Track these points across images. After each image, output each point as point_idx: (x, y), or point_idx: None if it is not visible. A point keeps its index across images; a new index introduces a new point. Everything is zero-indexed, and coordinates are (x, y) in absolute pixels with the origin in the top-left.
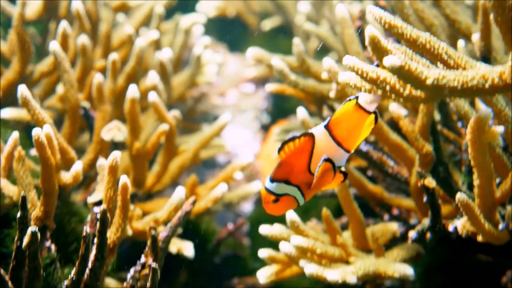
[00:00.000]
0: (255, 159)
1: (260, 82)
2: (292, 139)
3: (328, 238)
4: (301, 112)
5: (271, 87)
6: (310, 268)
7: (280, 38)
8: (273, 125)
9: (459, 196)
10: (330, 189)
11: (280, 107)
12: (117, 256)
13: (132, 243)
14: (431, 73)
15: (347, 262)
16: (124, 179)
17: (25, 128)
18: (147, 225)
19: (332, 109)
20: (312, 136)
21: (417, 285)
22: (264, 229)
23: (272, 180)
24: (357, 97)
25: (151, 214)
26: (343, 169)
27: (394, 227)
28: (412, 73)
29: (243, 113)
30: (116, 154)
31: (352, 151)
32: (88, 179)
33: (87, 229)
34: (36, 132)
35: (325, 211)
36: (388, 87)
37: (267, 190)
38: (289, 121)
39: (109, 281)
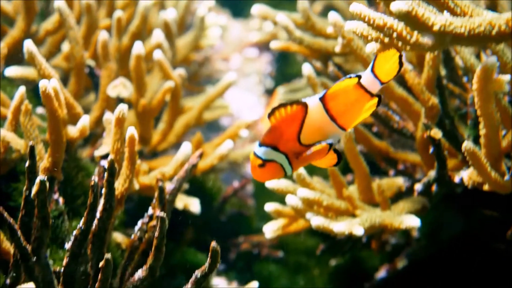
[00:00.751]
0: (259, 123)
1: (263, 46)
2: (284, 105)
3: (334, 191)
4: (307, 69)
5: (276, 44)
6: (316, 220)
7: (284, 4)
8: (270, 98)
9: (466, 144)
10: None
11: (284, 72)
12: (124, 213)
13: (138, 201)
14: (438, 19)
15: (353, 215)
16: (132, 131)
17: (31, 88)
18: (154, 180)
19: (338, 67)
20: (305, 105)
21: (422, 242)
22: (271, 184)
23: (261, 144)
24: (359, 76)
25: (157, 169)
26: (336, 147)
27: (400, 181)
28: (419, 18)
29: (246, 77)
30: (122, 107)
31: (348, 130)
32: (94, 137)
33: (95, 179)
34: (43, 83)
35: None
36: (395, 34)
37: (255, 154)
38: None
39: (116, 235)
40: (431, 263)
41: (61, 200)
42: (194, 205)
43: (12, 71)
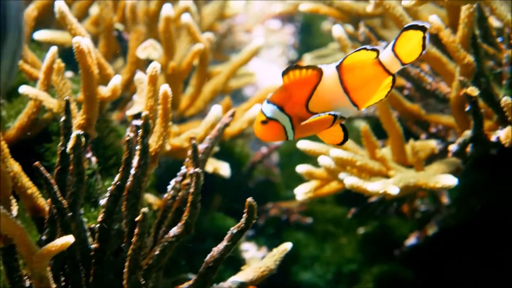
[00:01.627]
0: None
1: (286, 18)
2: (299, 67)
3: (367, 153)
4: (338, 30)
5: (305, 6)
6: (350, 180)
7: None
8: (300, 61)
9: (505, 99)
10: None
11: (307, 43)
12: (154, 176)
13: (166, 168)
14: None
15: (386, 177)
16: (165, 87)
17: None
18: (184, 142)
19: (370, 29)
20: (320, 72)
21: (452, 209)
22: (303, 144)
23: (269, 102)
24: (376, 50)
25: (188, 131)
26: (343, 122)
27: (433, 143)
28: None
29: (270, 49)
30: (155, 64)
31: (361, 109)
32: (123, 100)
33: (130, 134)
34: (77, 39)
35: (364, 126)
36: None
37: (261, 109)
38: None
39: (148, 195)
40: (462, 230)
41: (94, 159)
42: (224, 168)
43: (41, 35)
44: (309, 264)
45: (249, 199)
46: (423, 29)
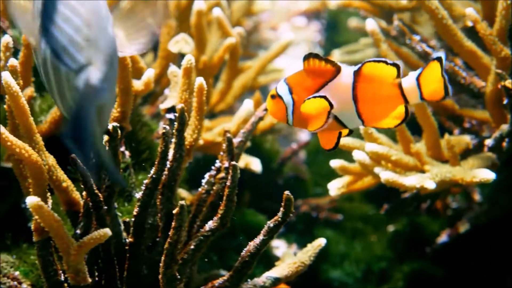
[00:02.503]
0: None
1: (312, 15)
2: (320, 57)
3: (401, 147)
4: (371, 24)
5: (337, 1)
6: (385, 174)
7: None
8: (329, 57)
9: None
10: None
11: (334, 40)
12: (186, 171)
13: (197, 162)
14: None
15: (421, 171)
16: (201, 80)
17: None
18: (216, 136)
19: (404, 24)
20: (338, 70)
21: (484, 206)
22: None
23: (285, 80)
24: (397, 66)
25: (219, 125)
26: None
27: (467, 138)
28: None
29: (296, 46)
30: (190, 57)
31: (364, 126)
32: (153, 95)
33: (166, 127)
34: None
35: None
36: None
37: (278, 84)
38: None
39: (181, 190)
40: (494, 227)
41: (127, 153)
42: (255, 164)
43: None
44: (338, 262)
45: (286, 192)
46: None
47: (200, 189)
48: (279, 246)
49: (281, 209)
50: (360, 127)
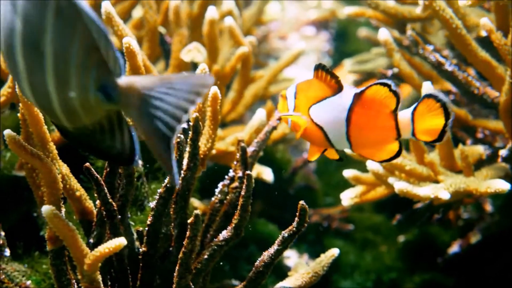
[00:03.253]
0: None
1: (320, 25)
2: (328, 71)
3: (414, 157)
4: (384, 33)
5: (350, 10)
6: (400, 185)
7: None
8: (335, 68)
9: None
10: None
11: (342, 50)
12: (198, 181)
13: (207, 172)
14: None
15: (435, 182)
16: (215, 89)
17: None
18: (229, 145)
19: (416, 32)
20: (340, 88)
21: (496, 217)
22: (350, 150)
23: (296, 84)
24: (397, 95)
25: (232, 135)
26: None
27: (480, 149)
28: None
29: (305, 55)
30: (204, 66)
31: (351, 152)
32: None
33: (181, 136)
34: (127, 39)
35: None
36: None
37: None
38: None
39: (193, 199)
40: (506, 238)
41: (140, 162)
42: (267, 173)
43: None
44: (348, 272)
45: (301, 202)
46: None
47: (213, 199)
48: (290, 256)
49: (296, 218)
50: (348, 151)
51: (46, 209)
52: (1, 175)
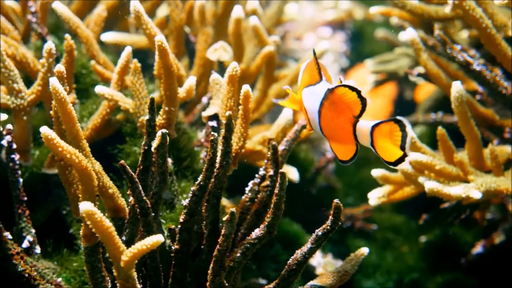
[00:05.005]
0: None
1: (337, 25)
2: (317, 63)
3: (443, 157)
4: (410, 33)
5: (376, 9)
6: (430, 184)
7: None
8: (352, 69)
9: None
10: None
11: (359, 51)
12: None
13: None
14: None
15: (464, 181)
16: (247, 87)
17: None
18: (256, 144)
19: (442, 30)
20: (320, 78)
21: None
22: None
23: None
24: (364, 105)
25: (259, 134)
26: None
27: (508, 149)
28: None
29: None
30: (235, 64)
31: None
32: (190, 103)
33: (214, 134)
34: (160, 38)
35: (440, 130)
36: None
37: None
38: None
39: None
40: None
41: (170, 160)
42: (292, 173)
43: (108, 36)
44: (370, 272)
45: (336, 201)
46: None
47: (243, 197)
48: (314, 256)
49: (330, 217)
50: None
51: (84, 206)
52: (30, 173)
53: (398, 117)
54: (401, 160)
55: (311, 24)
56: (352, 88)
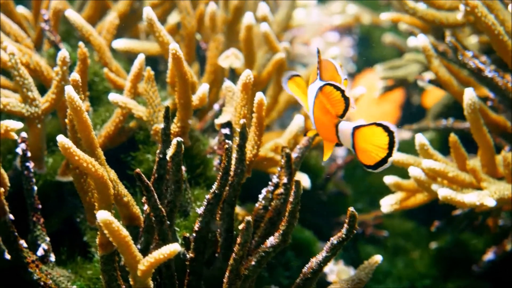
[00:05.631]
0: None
1: (344, 31)
2: (319, 61)
3: (455, 164)
4: (422, 39)
5: (387, 15)
6: (444, 191)
7: None
8: (359, 74)
9: None
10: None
11: (366, 56)
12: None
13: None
14: None
15: (477, 189)
16: (261, 95)
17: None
18: (268, 151)
19: (454, 37)
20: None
21: None
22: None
23: None
24: (347, 106)
25: (271, 141)
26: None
27: None
28: None
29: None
30: (248, 72)
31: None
32: (200, 110)
33: (229, 142)
34: (174, 46)
35: (453, 137)
36: None
37: None
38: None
39: None
40: None
41: (183, 168)
42: (304, 180)
43: (119, 44)
44: (381, 279)
45: (351, 209)
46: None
47: (257, 205)
48: None
49: (345, 225)
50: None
51: (102, 215)
52: (44, 181)
53: (383, 122)
54: (381, 163)
55: (318, 29)
56: (337, 88)
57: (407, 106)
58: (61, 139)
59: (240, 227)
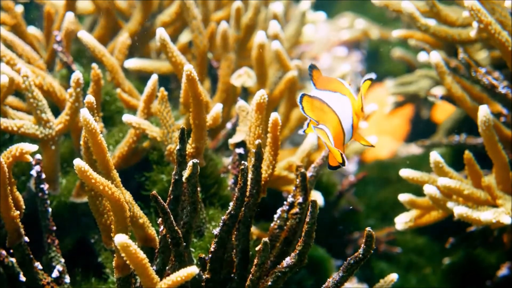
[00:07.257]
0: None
1: (352, 45)
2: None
3: (471, 181)
4: (435, 56)
5: (398, 32)
6: (460, 209)
7: (368, 3)
8: (368, 89)
9: None
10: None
11: (375, 71)
12: None
13: None
14: None
15: (493, 206)
16: (275, 115)
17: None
18: (281, 170)
19: (467, 53)
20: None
21: None
22: (405, 172)
23: None
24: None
25: (284, 160)
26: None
27: None
28: None
29: (337, 76)
30: (263, 92)
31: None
32: (212, 130)
33: (245, 162)
34: (188, 67)
35: (467, 154)
36: None
37: None
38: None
39: None
40: None
41: (198, 188)
42: (317, 197)
43: (131, 63)
44: None
45: (368, 229)
46: None
47: (272, 224)
48: None
49: (363, 245)
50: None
51: (120, 238)
52: (58, 202)
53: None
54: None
55: (327, 44)
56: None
57: (416, 120)
58: (77, 162)
59: (257, 248)
